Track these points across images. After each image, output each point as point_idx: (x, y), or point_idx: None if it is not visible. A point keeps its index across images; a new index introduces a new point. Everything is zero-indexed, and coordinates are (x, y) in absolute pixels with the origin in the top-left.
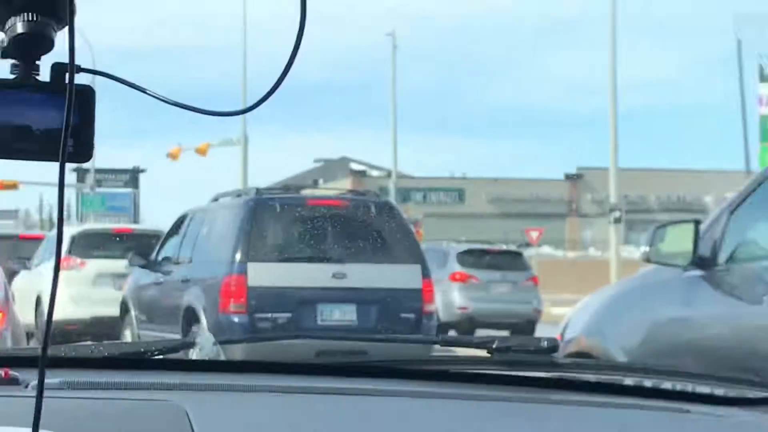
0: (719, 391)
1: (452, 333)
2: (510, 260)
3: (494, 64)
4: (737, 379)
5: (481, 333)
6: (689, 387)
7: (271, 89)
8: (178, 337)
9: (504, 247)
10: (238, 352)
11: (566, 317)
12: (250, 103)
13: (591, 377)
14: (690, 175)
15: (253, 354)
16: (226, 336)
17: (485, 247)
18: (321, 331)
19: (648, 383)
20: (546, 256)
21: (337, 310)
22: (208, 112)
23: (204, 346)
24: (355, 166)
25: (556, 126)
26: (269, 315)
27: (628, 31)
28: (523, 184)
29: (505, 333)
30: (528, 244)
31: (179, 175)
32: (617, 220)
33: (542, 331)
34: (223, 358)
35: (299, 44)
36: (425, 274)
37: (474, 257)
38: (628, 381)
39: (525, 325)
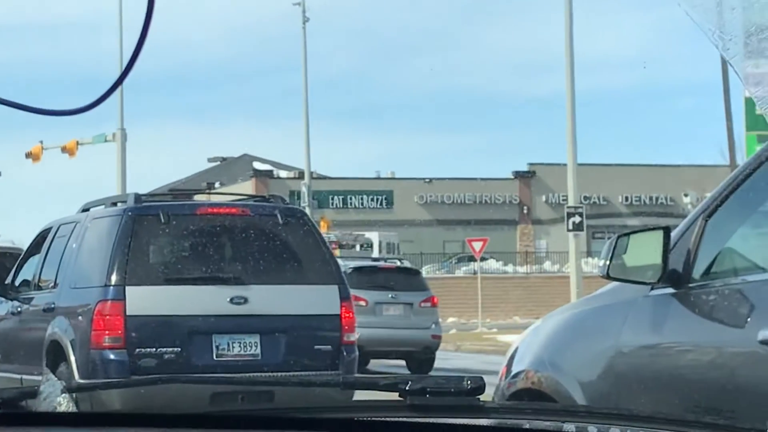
0: None
1: None
2: (405, 279)
3: (427, 40)
4: (702, 423)
5: (372, 365)
6: None
7: (117, 80)
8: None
9: (398, 263)
10: (114, 399)
11: (513, 346)
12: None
13: (526, 423)
14: (665, 171)
15: (132, 401)
16: (100, 378)
17: (376, 264)
18: (217, 368)
19: (593, 430)
20: (492, 272)
21: (236, 342)
22: (42, 111)
23: (49, 395)
24: (259, 166)
25: (502, 114)
26: (153, 350)
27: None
28: (464, 185)
29: (399, 363)
30: (470, 258)
31: (42, 179)
32: (577, 227)
33: (488, 363)
34: (72, 408)
35: (148, 26)
36: (344, 296)
37: (362, 276)
38: (570, 428)
39: (422, 354)
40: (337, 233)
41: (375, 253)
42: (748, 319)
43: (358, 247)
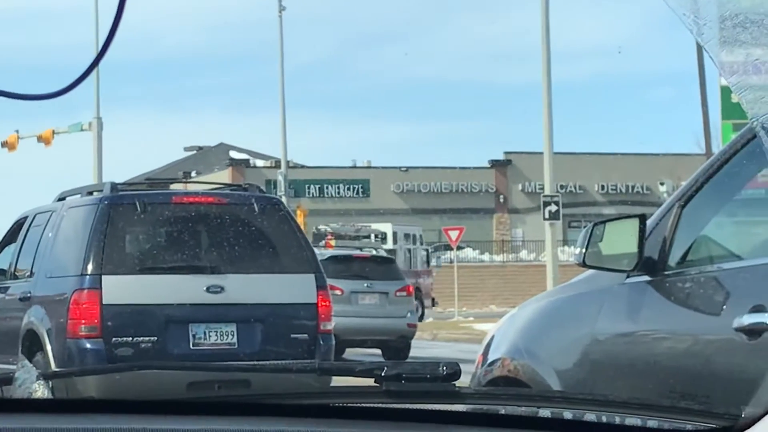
0: (652, 424)
1: None
2: (380, 268)
3: (403, 28)
4: (677, 408)
5: (347, 353)
6: (617, 419)
7: (91, 65)
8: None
9: (373, 252)
10: (89, 387)
11: (489, 334)
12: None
13: (501, 409)
14: (641, 160)
15: (108, 388)
16: (77, 367)
17: (352, 252)
18: (194, 357)
19: (568, 415)
20: (469, 261)
21: (213, 331)
22: (13, 95)
23: (24, 381)
24: (235, 155)
25: (478, 103)
26: (129, 339)
27: None
28: (440, 174)
29: (375, 352)
30: (447, 246)
31: (18, 168)
32: (553, 216)
33: (464, 351)
34: (48, 395)
35: (122, 11)
36: (320, 284)
37: (338, 265)
38: (546, 413)
39: (398, 343)
40: (335, 225)
41: (389, 245)
42: (724, 307)
43: (372, 238)
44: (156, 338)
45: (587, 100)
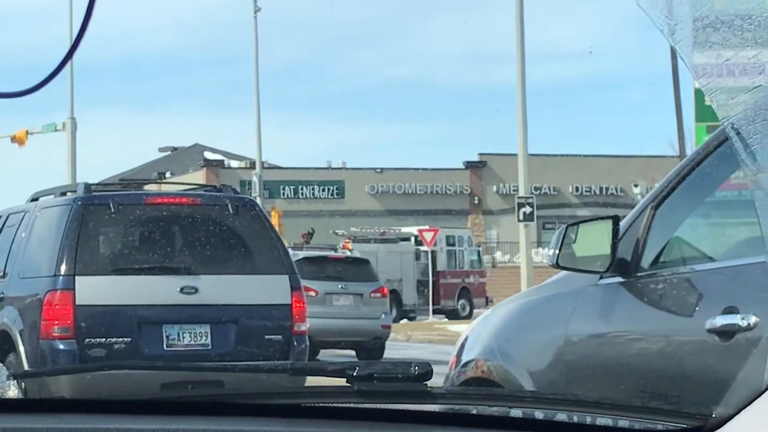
0: (623, 424)
1: None
2: (355, 269)
3: (378, 30)
4: (648, 408)
5: (322, 355)
6: (588, 419)
7: (61, 62)
8: None
9: (348, 253)
10: (62, 387)
11: (463, 335)
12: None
13: (473, 409)
14: (614, 162)
15: (81, 388)
16: (50, 367)
17: (326, 253)
18: (168, 358)
19: (540, 415)
20: None
21: (186, 332)
22: None
23: None
24: (210, 156)
25: (453, 104)
26: (103, 340)
27: None
28: (415, 175)
29: (349, 353)
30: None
31: None
32: (528, 217)
33: (438, 352)
34: (19, 395)
35: (92, 8)
36: (295, 286)
37: (312, 266)
38: (517, 413)
39: (372, 344)
40: (355, 229)
41: (425, 247)
42: (696, 308)
43: (401, 240)
44: (129, 339)
45: (562, 101)
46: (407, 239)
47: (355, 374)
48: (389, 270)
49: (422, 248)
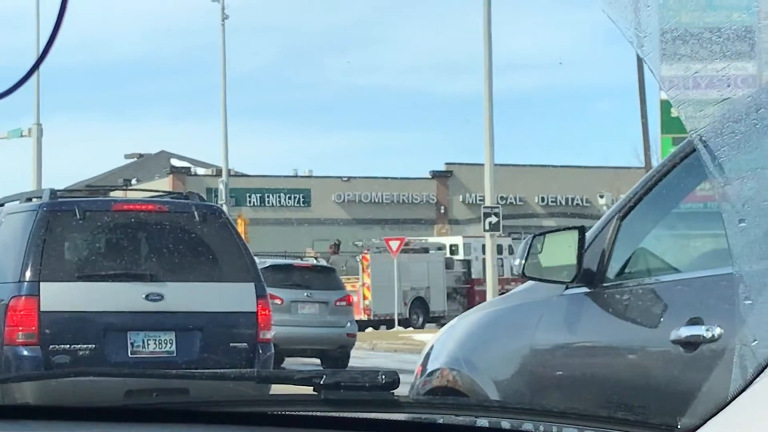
0: None
1: None
2: (320, 277)
3: (345, 38)
4: (614, 419)
5: (287, 363)
6: (554, 429)
7: (30, 69)
8: None
9: (314, 261)
10: (26, 393)
11: (428, 345)
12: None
13: (439, 418)
14: (580, 173)
15: (45, 395)
16: (13, 374)
17: (292, 261)
18: (132, 365)
19: (506, 425)
20: None
21: (151, 339)
22: None
23: None
24: (176, 163)
25: (420, 113)
26: (67, 347)
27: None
28: (381, 184)
29: (314, 361)
30: None
31: None
32: (494, 227)
33: (403, 361)
34: None
35: (63, 14)
36: (260, 294)
37: (278, 273)
38: (483, 423)
39: (337, 352)
40: (378, 241)
41: (461, 256)
42: (661, 319)
43: (437, 250)
44: (94, 346)
45: (528, 111)
46: (441, 248)
47: (322, 383)
48: (415, 278)
49: (456, 257)
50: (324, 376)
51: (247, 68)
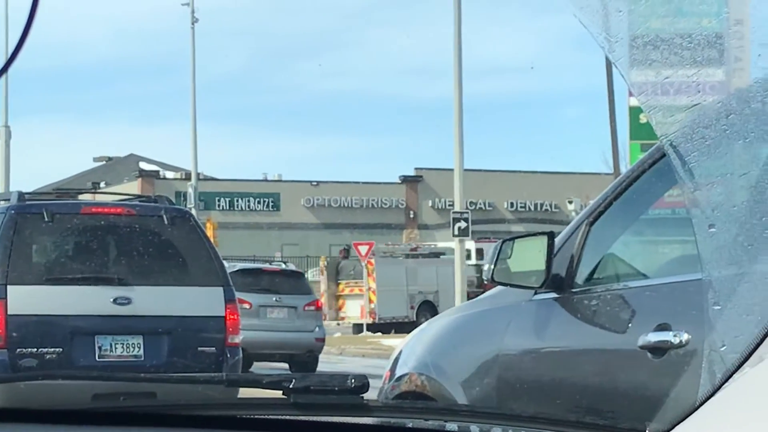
0: None
1: None
2: (289, 282)
3: (315, 43)
4: (583, 424)
5: (255, 367)
6: None
7: (0, 70)
8: None
9: (283, 266)
10: None
11: (397, 349)
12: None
13: (408, 422)
14: (549, 178)
15: (12, 398)
16: None
17: (261, 266)
18: (100, 369)
19: (475, 429)
20: None
21: (119, 343)
22: None
23: None
24: (145, 166)
25: (390, 118)
26: (34, 350)
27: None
28: (351, 188)
29: (283, 366)
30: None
31: None
32: (463, 232)
33: (372, 366)
34: None
35: (33, 17)
36: (229, 298)
37: (246, 278)
38: (452, 427)
39: (306, 357)
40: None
41: (473, 261)
42: (629, 325)
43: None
44: (61, 349)
45: (499, 117)
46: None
47: (291, 386)
48: (423, 282)
49: (468, 262)
50: (293, 380)
51: (217, 72)
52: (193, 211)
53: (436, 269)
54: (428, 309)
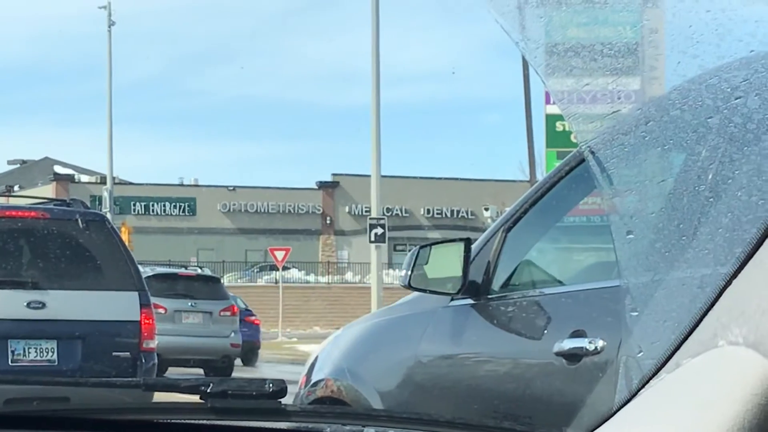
0: None
1: None
2: (205, 287)
3: (233, 48)
4: (501, 429)
5: (170, 372)
6: None
7: None
8: None
9: (199, 271)
10: None
11: (313, 355)
12: None
13: (327, 428)
14: (466, 185)
15: None
16: None
17: (177, 270)
18: (13, 374)
19: None
20: (294, 282)
21: (32, 347)
22: None
23: None
24: (60, 170)
25: (307, 124)
26: None
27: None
28: (268, 194)
29: (198, 371)
30: (272, 267)
31: None
32: (379, 238)
33: (288, 372)
34: None
35: None
36: (144, 302)
37: (161, 283)
38: (371, 431)
39: (221, 362)
40: None
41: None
42: (545, 331)
43: None
44: None
45: (417, 123)
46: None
47: (209, 391)
48: None
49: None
50: (211, 384)
51: (134, 76)
52: (109, 215)
53: None
54: None
